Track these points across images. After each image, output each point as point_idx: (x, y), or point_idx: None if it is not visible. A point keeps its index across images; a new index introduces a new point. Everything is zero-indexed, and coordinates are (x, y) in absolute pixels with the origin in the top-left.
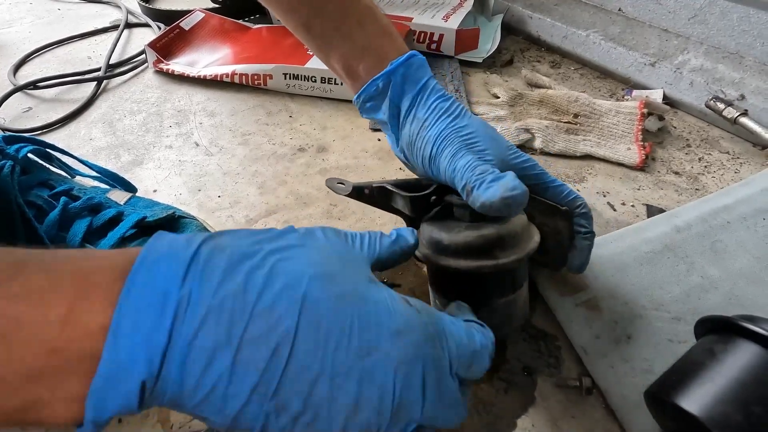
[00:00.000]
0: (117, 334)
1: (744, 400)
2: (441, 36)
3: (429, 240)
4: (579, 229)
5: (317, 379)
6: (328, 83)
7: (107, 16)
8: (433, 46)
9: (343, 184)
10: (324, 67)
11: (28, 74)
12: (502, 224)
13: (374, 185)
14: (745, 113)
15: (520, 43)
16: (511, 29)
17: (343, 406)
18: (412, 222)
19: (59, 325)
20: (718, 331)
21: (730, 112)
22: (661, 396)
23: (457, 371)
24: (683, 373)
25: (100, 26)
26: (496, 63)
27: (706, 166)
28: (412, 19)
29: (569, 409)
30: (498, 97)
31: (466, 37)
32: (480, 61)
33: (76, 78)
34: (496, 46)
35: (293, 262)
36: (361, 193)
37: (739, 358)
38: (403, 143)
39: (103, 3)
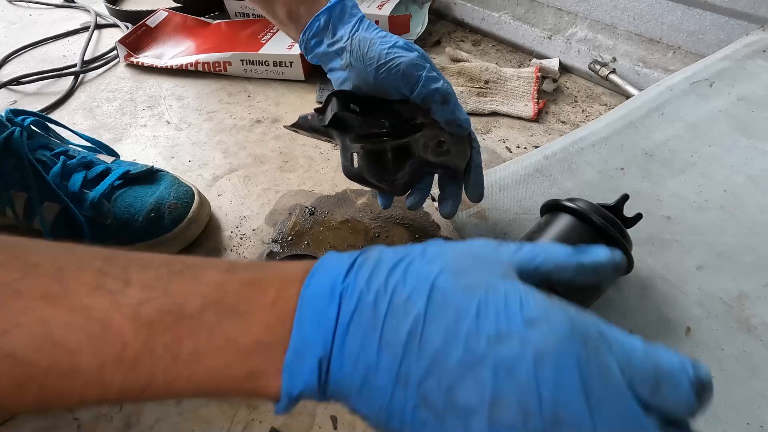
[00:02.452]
0: (302, 316)
1: None
2: (377, 22)
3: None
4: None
5: (454, 369)
6: (281, 66)
7: (77, 19)
8: None
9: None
10: (276, 51)
11: (8, 73)
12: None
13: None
14: (613, 71)
15: (447, 27)
16: (440, 15)
17: (483, 402)
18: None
19: (271, 307)
20: (549, 210)
21: (603, 72)
22: None
23: (636, 391)
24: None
25: (71, 28)
26: (426, 44)
27: (587, 116)
28: None
29: None
30: None
31: (399, 23)
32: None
33: (56, 73)
34: (424, 29)
35: (426, 263)
36: (305, 120)
37: (554, 223)
38: (350, 61)
39: (72, 7)
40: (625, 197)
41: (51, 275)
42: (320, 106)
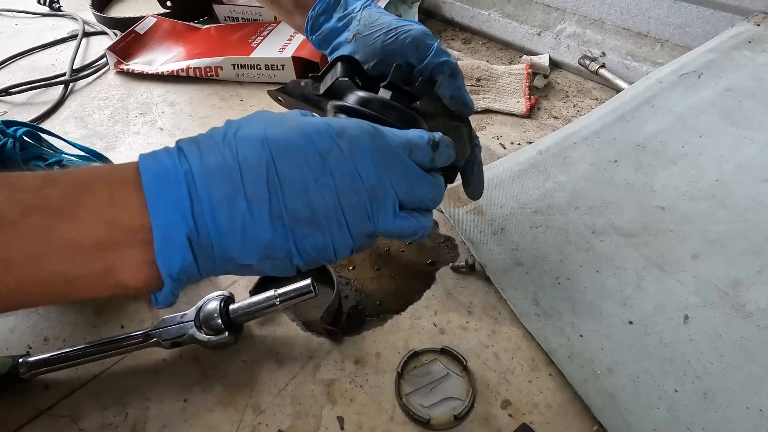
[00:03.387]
0: (155, 207)
1: None
2: None
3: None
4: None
5: (307, 186)
6: (272, 69)
7: (64, 27)
8: None
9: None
10: (268, 55)
11: None
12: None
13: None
14: (603, 66)
15: (437, 25)
16: (429, 14)
17: (332, 198)
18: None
19: (109, 206)
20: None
21: (593, 66)
22: None
23: (411, 156)
24: None
25: (59, 37)
26: None
27: (578, 111)
28: None
29: (459, 282)
30: None
31: None
32: None
33: (45, 83)
34: None
35: (246, 127)
36: (296, 85)
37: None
38: (358, 29)
39: (60, 16)
40: (396, 67)
41: None
42: (316, 74)
